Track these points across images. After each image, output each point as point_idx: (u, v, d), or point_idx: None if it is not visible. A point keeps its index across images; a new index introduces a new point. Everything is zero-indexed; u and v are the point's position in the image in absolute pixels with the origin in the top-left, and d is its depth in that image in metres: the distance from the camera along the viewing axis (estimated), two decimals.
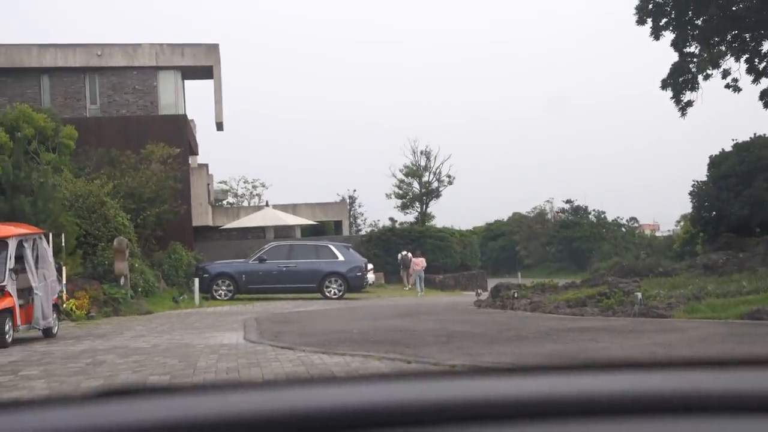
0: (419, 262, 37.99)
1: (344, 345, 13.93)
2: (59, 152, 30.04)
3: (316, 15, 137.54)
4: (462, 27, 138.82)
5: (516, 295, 23.82)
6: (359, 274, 31.49)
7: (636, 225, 79.93)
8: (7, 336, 15.85)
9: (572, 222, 74.90)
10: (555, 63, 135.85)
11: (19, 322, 16.41)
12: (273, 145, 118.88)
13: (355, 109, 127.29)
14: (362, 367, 11.55)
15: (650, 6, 30.03)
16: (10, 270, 16.13)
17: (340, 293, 31.02)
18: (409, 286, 38.52)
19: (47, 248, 18.21)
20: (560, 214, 78.80)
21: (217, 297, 30.40)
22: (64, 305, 21.24)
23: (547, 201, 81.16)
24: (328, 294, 30.96)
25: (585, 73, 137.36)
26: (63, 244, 22.64)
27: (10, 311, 16.03)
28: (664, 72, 30.91)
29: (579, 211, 76.70)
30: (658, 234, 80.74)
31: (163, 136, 33.40)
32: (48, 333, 17.54)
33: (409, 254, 39.41)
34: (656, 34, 30.39)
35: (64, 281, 21.37)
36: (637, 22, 30.30)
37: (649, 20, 30.24)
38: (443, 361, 11.72)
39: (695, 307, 17.74)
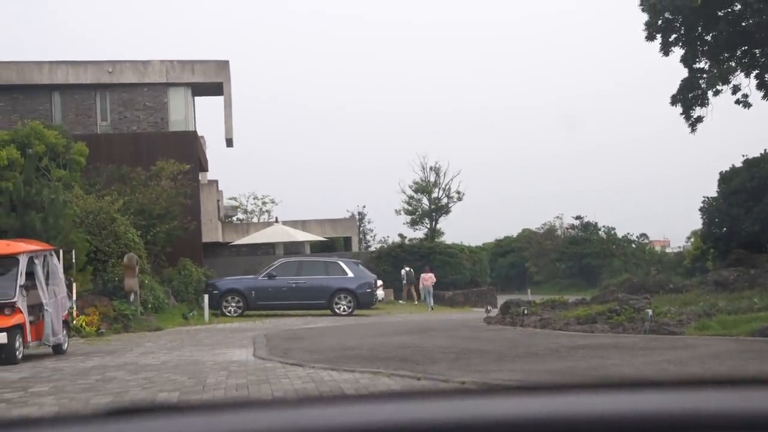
0: (428, 278, 38.02)
1: (353, 362, 13.92)
2: (70, 169, 30.17)
3: (331, 30, 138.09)
4: (471, 37, 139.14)
5: (526, 312, 23.80)
6: (369, 290, 31.47)
7: (646, 241, 79.70)
8: (17, 352, 15.89)
9: (582, 238, 74.73)
10: (566, 78, 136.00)
11: (29, 338, 16.45)
12: (283, 161, 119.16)
13: (365, 124, 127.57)
14: (371, 383, 11.53)
15: (659, 22, 30.06)
16: (20, 286, 16.19)
17: (350, 310, 30.99)
18: (416, 302, 38.59)
19: (58, 265, 18.28)
20: (570, 230, 78.63)
21: (227, 313, 30.39)
22: (74, 322, 21.28)
23: (557, 217, 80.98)
24: (337, 310, 30.93)
25: (595, 88, 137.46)
26: (73, 261, 22.70)
27: (20, 327, 16.08)
28: (675, 86, 30.92)
29: (589, 227, 76.55)
30: (668, 250, 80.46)
31: (173, 152, 33.52)
32: (58, 349, 17.57)
33: (412, 270, 39.51)
34: (666, 50, 30.40)
35: (74, 297, 21.42)
36: (646, 38, 30.32)
37: (659, 36, 30.26)
38: (453, 377, 11.71)
39: (706, 323, 17.67)
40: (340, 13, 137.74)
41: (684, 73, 30.76)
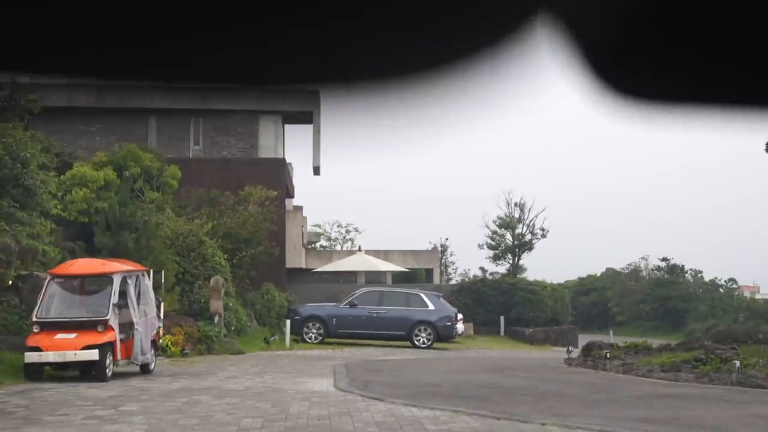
0: None
1: (433, 398, 13.98)
2: (162, 191, 31.00)
3: None
4: None
5: (608, 356, 23.46)
6: (449, 323, 31.41)
7: (735, 286, 77.59)
8: (107, 370, 16.38)
9: (668, 281, 73.18)
10: None
11: (119, 356, 16.95)
12: (368, 190, 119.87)
13: (452, 157, 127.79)
14: (451, 421, 11.59)
15: None
16: (113, 305, 16.72)
17: (429, 342, 30.96)
18: None
19: (149, 285, 18.83)
20: (656, 272, 77.07)
21: (307, 340, 30.68)
22: (161, 341, 21.81)
23: (643, 258, 79.34)
24: (417, 343, 30.92)
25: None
26: (162, 281, 23.28)
27: (111, 345, 16.59)
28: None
29: (675, 270, 74.96)
30: (758, 296, 78.10)
31: (262, 178, 34.18)
32: (145, 369, 18.04)
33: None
34: None
35: (162, 318, 21.97)
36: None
37: None
38: (533, 419, 11.70)
39: None
40: None
41: None
